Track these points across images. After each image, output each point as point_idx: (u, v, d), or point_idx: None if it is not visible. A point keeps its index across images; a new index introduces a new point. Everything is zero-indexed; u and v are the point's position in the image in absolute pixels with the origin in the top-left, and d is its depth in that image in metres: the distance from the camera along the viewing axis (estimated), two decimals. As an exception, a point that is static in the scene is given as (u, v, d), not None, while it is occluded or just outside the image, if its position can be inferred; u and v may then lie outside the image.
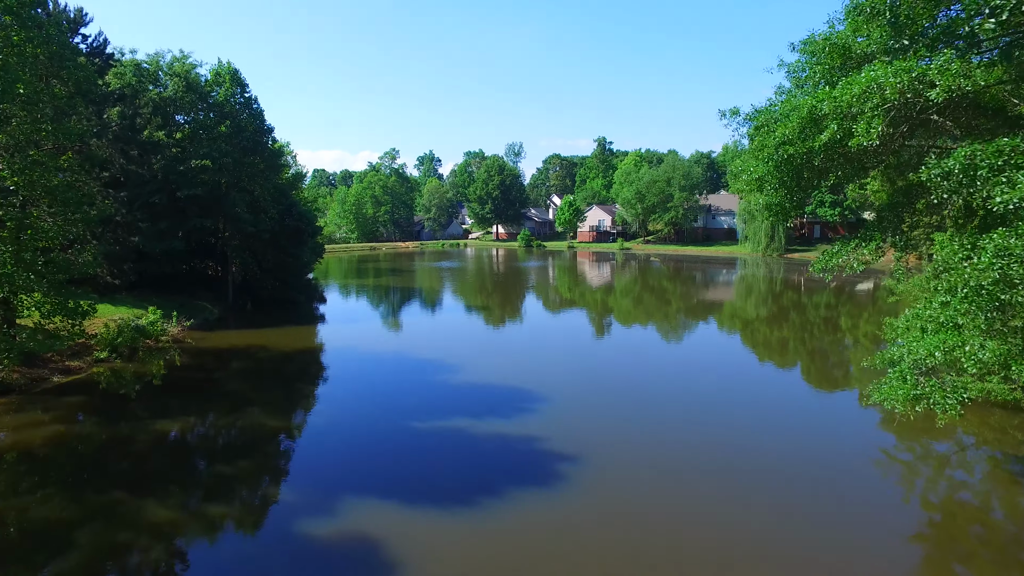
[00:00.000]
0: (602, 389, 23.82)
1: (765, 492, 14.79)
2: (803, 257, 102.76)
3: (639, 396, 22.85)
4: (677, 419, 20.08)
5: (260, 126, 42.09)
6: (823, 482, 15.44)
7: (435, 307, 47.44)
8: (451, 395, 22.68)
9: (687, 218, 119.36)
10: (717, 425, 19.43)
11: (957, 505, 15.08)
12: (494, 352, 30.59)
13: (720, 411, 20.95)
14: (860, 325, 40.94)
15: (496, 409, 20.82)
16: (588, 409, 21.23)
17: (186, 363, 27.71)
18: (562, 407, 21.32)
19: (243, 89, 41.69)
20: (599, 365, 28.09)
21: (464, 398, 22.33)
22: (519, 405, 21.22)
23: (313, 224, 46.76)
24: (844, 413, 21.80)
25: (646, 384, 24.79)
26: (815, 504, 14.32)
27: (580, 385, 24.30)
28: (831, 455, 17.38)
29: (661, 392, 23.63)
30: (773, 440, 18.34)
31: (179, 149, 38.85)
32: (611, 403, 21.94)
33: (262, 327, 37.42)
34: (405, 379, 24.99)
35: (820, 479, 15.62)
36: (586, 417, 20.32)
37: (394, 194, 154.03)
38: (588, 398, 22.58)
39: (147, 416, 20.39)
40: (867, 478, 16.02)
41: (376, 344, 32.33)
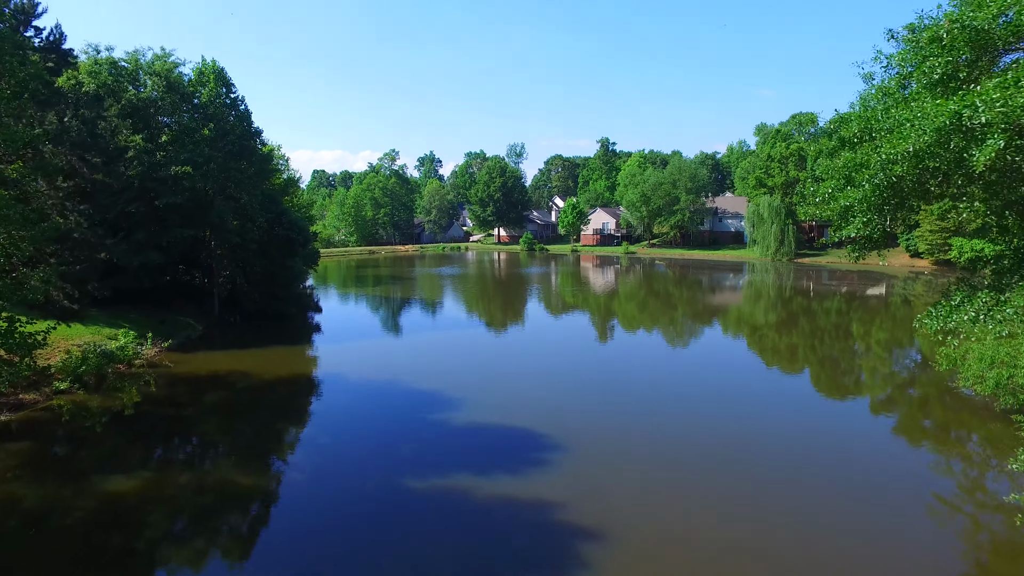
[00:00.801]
0: (625, 428, 20.98)
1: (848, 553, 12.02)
2: (814, 262, 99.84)
3: (670, 436, 20.03)
4: (718, 472, 17.25)
5: (247, 129, 39.27)
6: (879, 526, 12.63)
7: (435, 321, 44.56)
8: (452, 441, 19.82)
9: (693, 221, 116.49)
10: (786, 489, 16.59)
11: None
12: (499, 380, 27.70)
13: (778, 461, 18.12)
14: (901, 338, 38.04)
15: (504, 461, 17.98)
16: (611, 457, 18.38)
17: (157, 395, 24.87)
18: (580, 455, 18.48)
19: (229, 89, 38.87)
20: (617, 393, 25.24)
21: (467, 445, 19.49)
22: (530, 455, 18.37)
23: (305, 233, 43.93)
24: (894, 448, 19.00)
25: (676, 419, 21.93)
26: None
27: (598, 422, 21.46)
28: (884, 496, 14.59)
29: (694, 430, 20.78)
30: (840, 483, 15.51)
31: (162, 154, 36.05)
32: (638, 450, 19.10)
33: (247, 347, 34.57)
34: (400, 418, 22.11)
35: (876, 519, 12.81)
36: (610, 470, 17.49)
37: (394, 196, 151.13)
38: (609, 440, 19.73)
39: (95, 471, 17.53)
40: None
41: (370, 369, 29.46)
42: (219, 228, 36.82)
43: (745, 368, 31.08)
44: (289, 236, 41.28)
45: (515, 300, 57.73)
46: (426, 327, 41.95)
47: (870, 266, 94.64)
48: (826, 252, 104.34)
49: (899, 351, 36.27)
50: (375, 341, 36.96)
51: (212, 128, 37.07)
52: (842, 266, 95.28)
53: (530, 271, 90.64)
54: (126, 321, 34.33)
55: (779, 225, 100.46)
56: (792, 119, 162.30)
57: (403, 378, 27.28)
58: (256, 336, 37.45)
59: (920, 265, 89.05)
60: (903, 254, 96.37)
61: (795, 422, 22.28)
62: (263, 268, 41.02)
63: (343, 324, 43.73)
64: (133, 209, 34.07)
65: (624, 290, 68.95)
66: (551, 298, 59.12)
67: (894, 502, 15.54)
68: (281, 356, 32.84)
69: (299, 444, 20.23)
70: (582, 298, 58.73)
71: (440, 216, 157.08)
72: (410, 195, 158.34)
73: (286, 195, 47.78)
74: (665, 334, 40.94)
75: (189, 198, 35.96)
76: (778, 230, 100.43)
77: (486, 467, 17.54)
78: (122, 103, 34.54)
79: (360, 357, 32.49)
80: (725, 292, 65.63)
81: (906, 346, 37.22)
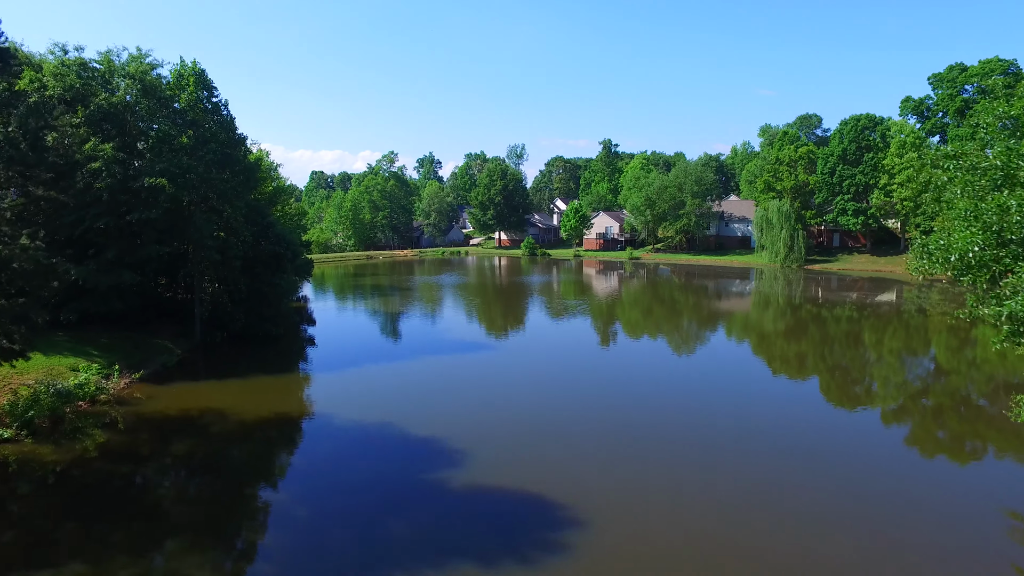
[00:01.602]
0: (653, 489, 18.03)
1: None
2: (824, 268, 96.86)
3: (710, 496, 17.10)
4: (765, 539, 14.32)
5: (231, 136, 36.27)
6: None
7: (432, 341, 41.32)
8: (452, 511, 16.85)
9: (699, 226, 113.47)
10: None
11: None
12: (504, 421, 24.67)
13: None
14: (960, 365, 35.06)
15: (513, 542, 15.04)
16: (637, 535, 15.45)
17: (115, 444, 21.90)
18: (601, 531, 15.54)
19: (210, 93, 35.90)
20: (638, 442, 22.29)
21: (470, 517, 16.53)
22: (544, 533, 15.43)
23: (294, 247, 40.93)
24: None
25: (713, 476, 18.98)
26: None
27: (617, 475, 18.53)
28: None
29: (732, 493, 17.82)
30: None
31: (137, 164, 33.08)
32: (673, 520, 16.16)
33: (228, 376, 31.58)
34: (392, 479, 19.06)
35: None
36: (640, 553, 14.54)
37: (392, 198, 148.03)
38: (631, 504, 16.79)
39: (17, 559, 14.57)
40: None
41: (360, 407, 26.37)
42: (199, 245, 33.84)
43: (779, 394, 28.14)
44: (276, 251, 38.32)
45: (517, 315, 54.77)
46: (422, 349, 38.89)
47: (883, 273, 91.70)
48: (837, 258, 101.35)
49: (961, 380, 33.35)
50: (367, 369, 33.71)
51: (192, 135, 34.10)
52: (853, 272, 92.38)
53: (532, 280, 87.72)
54: (95, 347, 31.39)
55: (788, 230, 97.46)
56: (798, 120, 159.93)
57: (396, 419, 24.24)
58: (239, 362, 34.50)
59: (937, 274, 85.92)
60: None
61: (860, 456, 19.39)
62: (248, 286, 38.07)
63: (335, 344, 40.69)
64: (102, 225, 31.10)
65: (632, 302, 65.83)
66: (555, 311, 56.16)
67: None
68: (263, 388, 29.83)
69: (270, 518, 17.17)
70: (588, 310, 55.76)
71: (440, 219, 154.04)
72: (409, 198, 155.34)
73: (275, 205, 44.73)
74: (681, 353, 37.99)
75: (166, 212, 33.02)
76: (787, 235, 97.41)
77: (494, 551, 14.59)
78: (91, 108, 31.56)
79: (350, 390, 29.44)
80: (735, 301, 62.49)
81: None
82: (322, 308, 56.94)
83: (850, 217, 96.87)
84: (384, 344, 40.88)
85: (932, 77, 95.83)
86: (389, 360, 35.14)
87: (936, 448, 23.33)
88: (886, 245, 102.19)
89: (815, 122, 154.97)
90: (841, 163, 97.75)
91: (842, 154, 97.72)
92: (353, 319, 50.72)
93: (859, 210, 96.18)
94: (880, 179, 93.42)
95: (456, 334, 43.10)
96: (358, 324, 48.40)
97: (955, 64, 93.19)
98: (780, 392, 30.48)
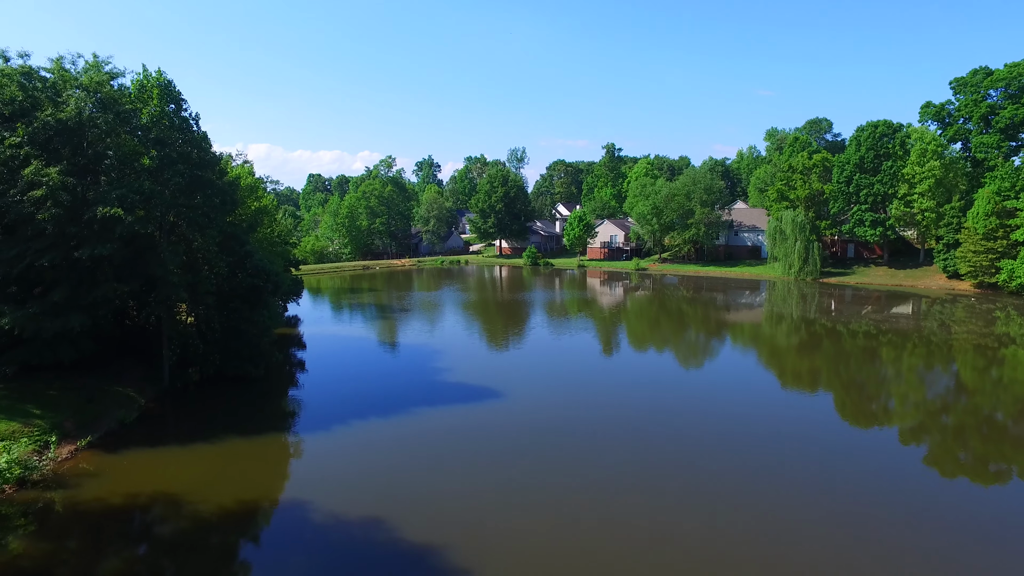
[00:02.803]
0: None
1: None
2: (841, 282, 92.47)
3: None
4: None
5: (203, 155, 31.84)
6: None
7: (433, 387, 36.65)
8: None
9: (708, 235, 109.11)
10: None
11: None
12: (523, 531, 20.24)
13: None
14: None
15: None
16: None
17: (36, 552, 17.50)
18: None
19: (179, 106, 31.49)
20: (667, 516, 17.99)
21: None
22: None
23: (276, 278, 36.48)
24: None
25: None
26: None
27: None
28: None
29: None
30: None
31: (92, 190, 28.68)
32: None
33: (192, 438, 27.12)
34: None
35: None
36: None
37: (390, 204, 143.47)
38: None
39: None
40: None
41: (345, 494, 21.49)
42: (164, 282, 29.42)
43: (820, 432, 23.86)
44: (255, 284, 33.91)
45: (525, 349, 50.39)
46: (421, 396, 34.04)
47: (904, 287, 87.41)
48: (853, 270, 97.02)
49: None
50: (357, 429, 28.53)
51: (156, 156, 29.68)
52: (872, 286, 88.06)
53: (536, 296, 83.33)
54: (38, 404, 26.97)
55: (803, 242, 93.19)
56: (807, 125, 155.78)
57: (387, 513, 19.76)
58: (210, 415, 30.09)
59: (961, 288, 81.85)
60: (938, 274, 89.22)
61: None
62: (223, 322, 33.73)
63: (322, 386, 36.12)
64: (46, 262, 26.69)
65: (644, 318, 61.38)
66: (566, 342, 51.80)
67: None
68: (232, 457, 25.33)
69: None
70: (598, 333, 51.39)
71: (439, 226, 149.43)
72: (407, 203, 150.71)
73: (256, 229, 40.19)
74: (713, 390, 33.58)
75: (125, 245, 28.62)
76: (802, 248, 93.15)
77: None
78: (35, 125, 27.14)
79: (334, 463, 24.84)
80: (754, 320, 57.86)
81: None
82: (314, 332, 52.50)
83: (867, 228, 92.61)
84: (378, 388, 35.94)
85: (954, 81, 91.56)
86: (383, 413, 30.51)
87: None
88: (904, 257, 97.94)
89: (825, 126, 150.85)
90: (858, 171, 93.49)
91: (859, 162, 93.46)
92: (345, 349, 46.18)
93: (877, 221, 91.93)
94: (899, 188, 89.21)
95: (458, 373, 38.60)
96: (350, 357, 43.84)
97: (979, 68, 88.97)
98: (821, 429, 26.19)
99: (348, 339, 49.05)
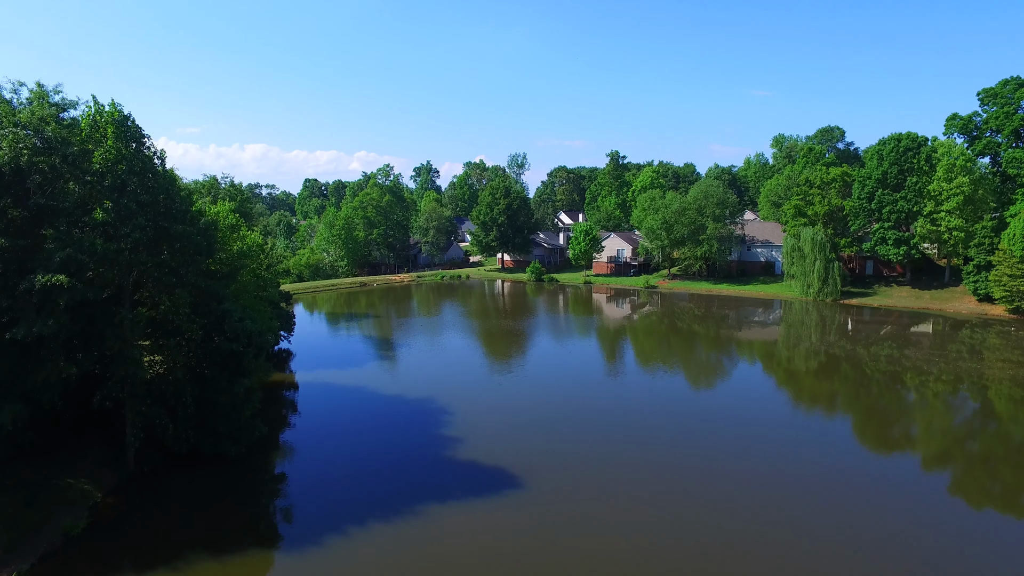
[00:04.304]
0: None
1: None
2: (863, 303, 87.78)
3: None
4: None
5: (170, 203, 26.79)
6: None
7: (443, 464, 31.92)
8: None
9: (721, 252, 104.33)
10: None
11: None
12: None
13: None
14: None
15: None
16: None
17: None
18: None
19: (140, 145, 26.49)
20: None
21: None
22: None
23: (260, 338, 31.42)
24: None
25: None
26: None
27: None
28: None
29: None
30: None
31: (28, 253, 23.77)
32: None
33: (156, 558, 22.15)
34: None
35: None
36: None
37: (388, 214, 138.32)
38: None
39: None
40: None
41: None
42: (124, 358, 24.46)
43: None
44: (234, 349, 28.93)
45: (544, 399, 45.54)
46: (428, 486, 29.55)
47: (931, 309, 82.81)
48: (874, 290, 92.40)
49: None
50: (354, 540, 23.91)
51: (111, 208, 24.68)
52: (897, 308, 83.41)
53: (545, 322, 78.42)
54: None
55: (823, 261, 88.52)
56: (819, 133, 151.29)
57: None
58: (180, 516, 25.16)
59: (993, 312, 77.23)
60: (967, 296, 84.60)
61: None
62: (196, 395, 28.78)
63: (313, 470, 30.82)
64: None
65: (656, 345, 56.46)
66: (588, 393, 47.00)
67: None
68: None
69: None
70: (612, 363, 46.61)
71: (438, 236, 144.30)
72: (406, 213, 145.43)
73: (238, 275, 35.07)
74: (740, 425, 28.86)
75: (74, 316, 23.67)
76: (822, 267, 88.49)
77: None
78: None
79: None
80: (794, 355, 53.09)
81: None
82: (308, 379, 47.36)
83: (890, 247, 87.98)
84: (380, 471, 30.65)
85: (982, 92, 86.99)
86: (385, 515, 25.48)
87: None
88: (926, 275, 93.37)
89: (837, 135, 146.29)
90: (880, 187, 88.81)
91: (882, 177, 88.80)
92: (341, 408, 40.31)
93: (901, 239, 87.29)
94: (925, 205, 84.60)
95: (471, 446, 33.60)
96: (347, 421, 37.89)
97: (1010, 79, 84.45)
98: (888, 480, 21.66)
99: (345, 393, 43.75)
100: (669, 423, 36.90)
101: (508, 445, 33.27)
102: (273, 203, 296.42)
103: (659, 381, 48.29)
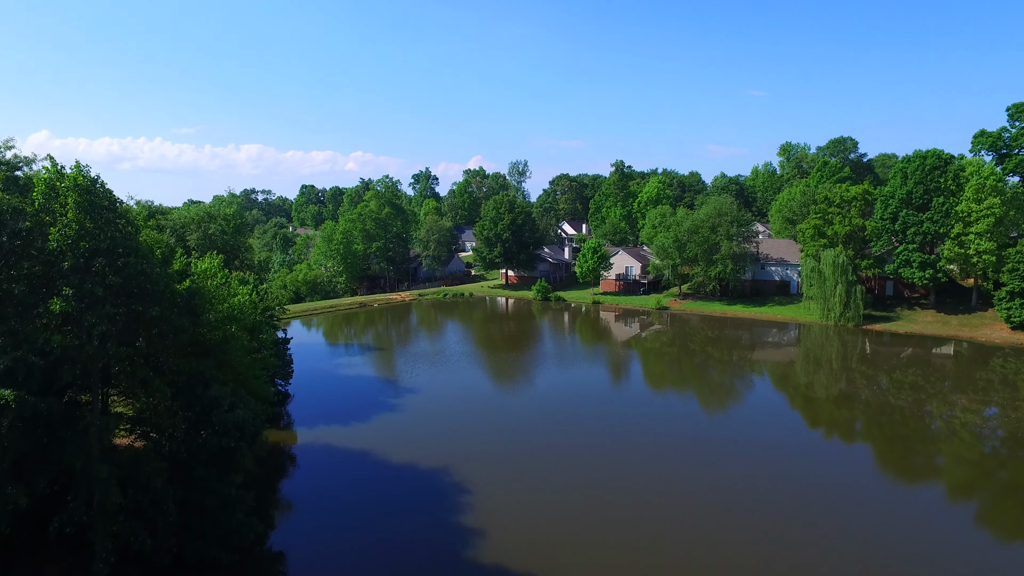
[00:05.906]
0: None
1: None
2: (886, 328, 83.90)
3: None
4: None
5: (144, 284, 22.37)
6: None
7: (459, 564, 27.74)
8: None
9: (736, 273, 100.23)
10: None
11: None
12: None
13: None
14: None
15: None
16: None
17: None
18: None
19: (113, 209, 22.12)
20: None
21: None
22: None
23: (254, 425, 27.04)
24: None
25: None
26: None
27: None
28: None
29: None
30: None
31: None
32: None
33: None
34: None
35: None
36: None
37: (387, 227, 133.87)
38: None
39: None
40: None
41: None
42: (87, 477, 20.16)
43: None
44: (223, 445, 24.63)
45: (562, 457, 41.41)
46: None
47: (961, 335, 78.94)
48: (896, 314, 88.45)
49: None
50: None
51: (71, 295, 20.33)
52: (924, 333, 79.44)
53: (553, 350, 74.19)
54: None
55: (844, 285, 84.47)
56: (831, 144, 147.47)
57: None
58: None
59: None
60: (998, 322, 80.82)
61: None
62: (182, 499, 24.49)
63: (312, 566, 26.91)
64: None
65: (695, 393, 52.47)
66: (608, 450, 42.87)
67: None
68: None
69: None
70: (647, 431, 42.48)
71: (439, 249, 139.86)
72: (405, 224, 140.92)
73: (229, 340, 30.51)
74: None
75: (27, 429, 19.37)
76: (843, 291, 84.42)
77: None
78: None
79: None
80: (813, 389, 49.06)
81: None
82: (308, 441, 42.67)
83: (915, 270, 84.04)
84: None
85: (1012, 108, 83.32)
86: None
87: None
88: (951, 298, 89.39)
89: (850, 146, 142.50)
90: (905, 207, 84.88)
91: (906, 197, 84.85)
92: (347, 487, 35.24)
93: (926, 262, 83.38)
94: (953, 227, 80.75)
95: (492, 538, 29.50)
96: (354, 504, 33.66)
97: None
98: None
99: (349, 461, 38.77)
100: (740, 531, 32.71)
101: (532, 536, 29.03)
102: (269, 208, 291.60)
103: (726, 459, 44.10)
